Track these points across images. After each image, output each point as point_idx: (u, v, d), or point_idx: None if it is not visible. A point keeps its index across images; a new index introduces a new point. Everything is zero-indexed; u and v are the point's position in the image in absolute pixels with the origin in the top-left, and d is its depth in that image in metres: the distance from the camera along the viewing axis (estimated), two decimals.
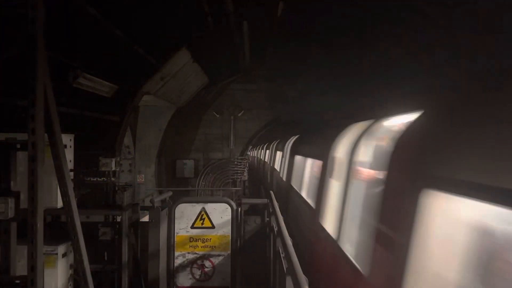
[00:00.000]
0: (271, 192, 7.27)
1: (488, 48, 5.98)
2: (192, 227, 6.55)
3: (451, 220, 2.02)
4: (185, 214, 6.56)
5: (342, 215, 3.93)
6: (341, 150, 4.64)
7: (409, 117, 2.72)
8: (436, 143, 2.19)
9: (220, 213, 6.55)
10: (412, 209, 2.12)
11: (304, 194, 7.19)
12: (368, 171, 3.59)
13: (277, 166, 13.93)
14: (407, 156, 2.52)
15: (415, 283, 2.08)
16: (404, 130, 2.66)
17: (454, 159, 1.94)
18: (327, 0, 9.30)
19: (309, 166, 7.26)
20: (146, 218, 6.97)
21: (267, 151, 20.30)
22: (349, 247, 3.69)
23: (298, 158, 8.54)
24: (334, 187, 4.61)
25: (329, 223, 4.51)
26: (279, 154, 13.69)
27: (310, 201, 6.29)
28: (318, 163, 5.83)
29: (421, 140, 2.43)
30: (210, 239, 6.54)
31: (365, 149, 3.76)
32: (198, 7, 9.54)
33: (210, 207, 6.58)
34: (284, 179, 10.13)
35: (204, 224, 6.55)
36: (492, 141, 1.72)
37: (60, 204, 4.70)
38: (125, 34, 9.19)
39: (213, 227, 6.55)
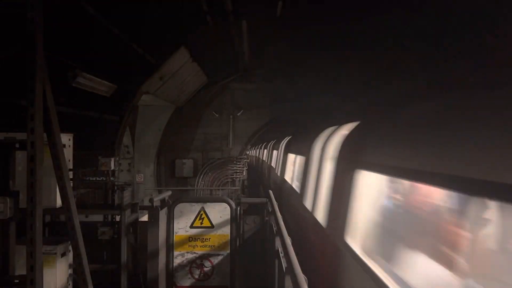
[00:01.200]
0: (270, 191, 7.27)
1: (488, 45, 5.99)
2: (191, 226, 6.55)
3: (373, 191, 3.04)
4: (184, 214, 6.55)
5: (316, 193, 5.22)
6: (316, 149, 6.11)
7: (353, 125, 4.09)
8: (365, 140, 3.39)
9: (219, 213, 6.56)
10: (349, 183, 3.27)
11: (293, 184, 8.46)
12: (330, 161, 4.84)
13: (274, 164, 14.33)
14: (348, 149, 3.77)
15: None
16: (348, 133, 4.03)
17: (375, 150, 3.07)
18: (326, 0, 9.31)
19: (297, 161, 8.55)
20: (145, 218, 6.97)
21: (265, 150, 20.34)
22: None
23: (290, 155, 9.94)
24: (312, 175, 5.97)
25: (309, 201, 5.79)
26: (275, 153, 14.25)
27: (296, 188, 7.51)
28: (303, 158, 7.14)
29: (357, 138, 3.66)
30: (209, 238, 6.54)
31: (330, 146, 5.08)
32: (197, 6, 9.54)
33: (209, 207, 6.58)
34: (278, 174, 11.72)
35: (203, 223, 6.55)
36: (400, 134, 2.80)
37: (59, 203, 4.70)
38: (124, 34, 9.19)
39: (212, 226, 6.55)
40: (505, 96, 1.97)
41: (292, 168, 9.27)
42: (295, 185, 7.93)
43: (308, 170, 6.15)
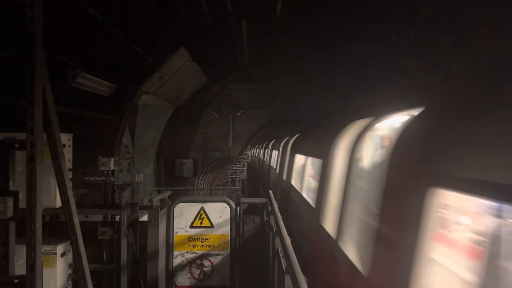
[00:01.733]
0: (270, 191, 7.27)
1: (489, 45, 6.00)
2: (191, 226, 6.55)
3: (458, 217, 2.02)
4: (184, 214, 6.55)
5: (342, 214, 3.89)
6: (341, 148, 4.62)
7: (411, 113, 2.65)
8: (439, 140, 2.12)
9: (219, 213, 6.55)
10: (417, 208, 2.04)
11: (304, 193, 7.31)
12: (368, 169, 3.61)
13: (274, 164, 14.17)
14: (410, 154, 2.46)
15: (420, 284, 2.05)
16: (406, 127, 2.57)
17: (459, 156, 1.90)
18: (326, 0, 9.31)
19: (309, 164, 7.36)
20: (145, 218, 6.97)
21: (266, 150, 20.33)
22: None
23: (298, 157, 8.87)
24: (334, 186, 4.58)
25: (329, 223, 4.54)
26: (276, 152, 13.93)
27: (310, 200, 6.31)
28: (318, 161, 5.80)
29: (423, 137, 2.35)
30: (209, 238, 6.54)
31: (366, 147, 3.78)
32: (197, 6, 9.54)
33: (209, 207, 6.58)
34: (284, 178, 10.50)
35: (203, 223, 6.55)
36: (495, 138, 1.74)
37: (59, 203, 4.70)
38: (124, 34, 9.18)
39: (212, 226, 6.54)
40: None
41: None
42: (306, 195, 6.86)
43: (329, 177, 4.70)
